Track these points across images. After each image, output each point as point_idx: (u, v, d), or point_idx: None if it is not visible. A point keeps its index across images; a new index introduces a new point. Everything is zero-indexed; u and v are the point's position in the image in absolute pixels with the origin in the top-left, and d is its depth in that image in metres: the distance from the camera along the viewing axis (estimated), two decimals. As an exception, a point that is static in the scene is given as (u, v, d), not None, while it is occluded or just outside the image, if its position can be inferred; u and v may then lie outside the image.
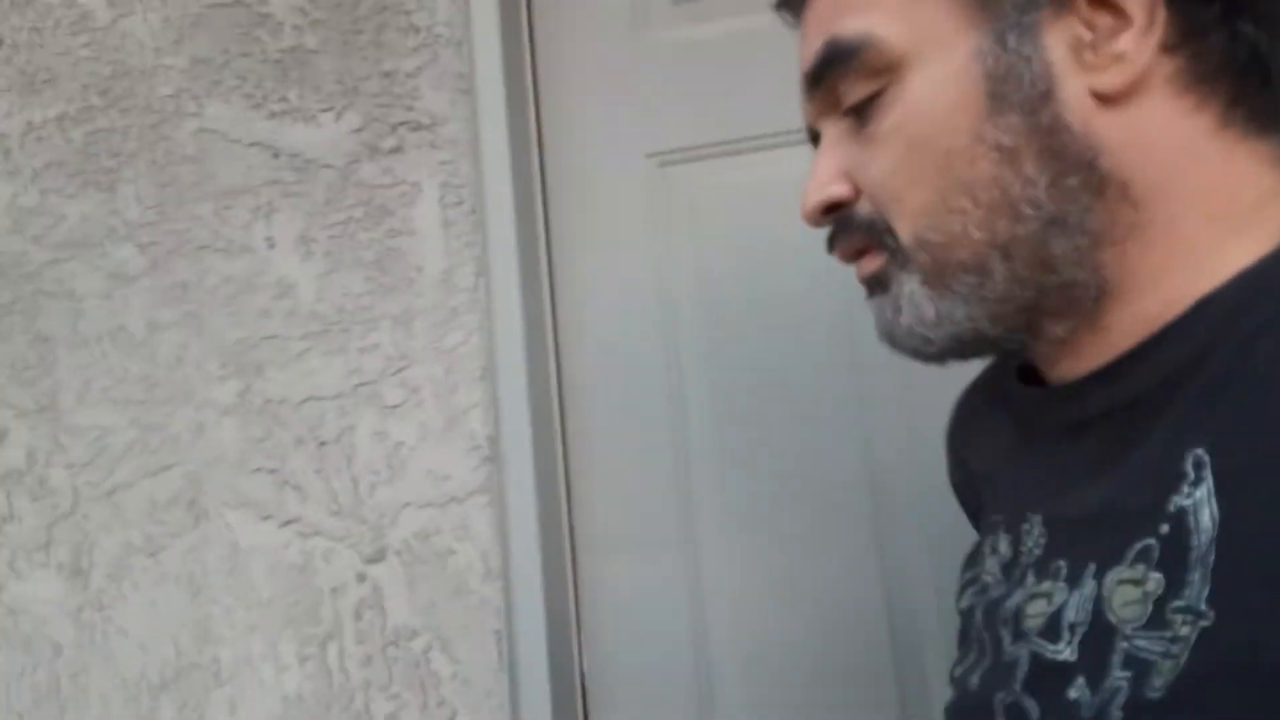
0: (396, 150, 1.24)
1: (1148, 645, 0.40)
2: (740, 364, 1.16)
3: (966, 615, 0.57)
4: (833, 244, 0.55)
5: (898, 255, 0.50)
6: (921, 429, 1.09)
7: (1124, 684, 0.40)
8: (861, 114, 0.50)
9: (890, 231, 0.50)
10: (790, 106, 1.15)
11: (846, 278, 1.10)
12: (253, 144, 1.29)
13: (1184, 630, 0.38)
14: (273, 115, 1.28)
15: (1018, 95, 0.46)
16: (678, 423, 1.18)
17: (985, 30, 0.47)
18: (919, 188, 0.48)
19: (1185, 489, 0.40)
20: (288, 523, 1.22)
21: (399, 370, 1.20)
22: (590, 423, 1.21)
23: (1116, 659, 0.41)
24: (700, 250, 1.20)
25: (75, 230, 1.34)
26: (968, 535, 1.03)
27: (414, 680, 1.14)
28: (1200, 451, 0.40)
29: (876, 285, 0.53)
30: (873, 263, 0.52)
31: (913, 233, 0.49)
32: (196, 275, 1.29)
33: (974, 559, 0.60)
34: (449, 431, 1.18)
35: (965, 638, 0.56)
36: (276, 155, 1.28)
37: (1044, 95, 0.46)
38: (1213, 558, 0.38)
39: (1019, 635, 0.48)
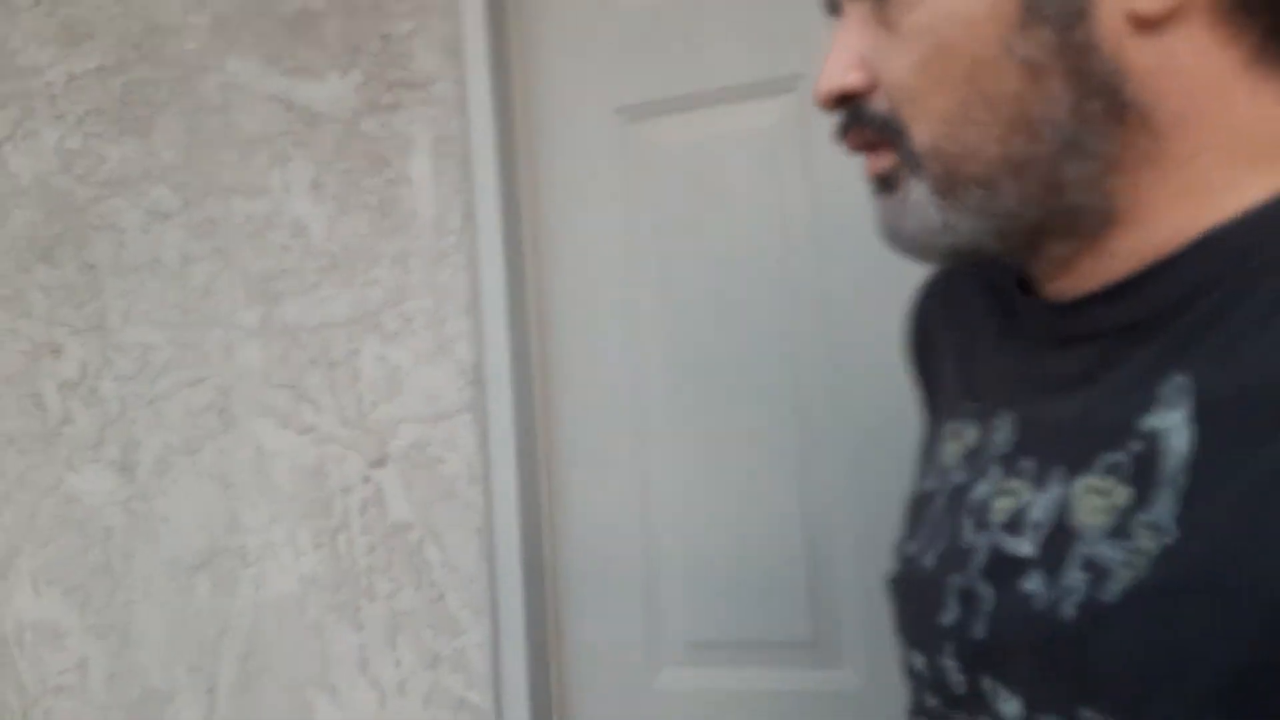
0: (394, 106, 1.39)
1: (1109, 553, 0.41)
2: (691, 304, 1.32)
3: (926, 498, 0.58)
4: (843, 133, 0.53)
5: (909, 158, 0.49)
6: (845, 366, 1.25)
7: (1081, 584, 0.42)
8: (887, 1, 0.49)
9: (904, 133, 0.49)
10: (746, 61, 1.29)
11: (784, 226, 1.26)
12: (269, 97, 1.45)
13: (1146, 543, 0.40)
14: (286, 72, 1.44)
15: (1053, 8, 0.44)
16: (635, 354, 1.34)
17: None
18: (940, 94, 0.47)
19: (1160, 411, 0.41)
20: (305, 431, 1.42)
21: (397, 303, 1.38)
22: (561, 351, 1.38)
23: (1075, 560, 0.42)
24: (661, 198, 1.34)
25: (116, 170, 1.52)
26: (876, 458, 1.21)
27: (409, 566, 1.35)
28: (1182, 378, 0.41)
29: (885, 185, 0.52)
30: (883, 161, 0.51)
31: (928, 139, 0.48)
32: (223, 214, 1.46)
33: (932, 439, 0.62)
34: (439, 357, 1.36)
35: (919, 517, 0.58)
36: (290, 108, 1.44)
37: (1080, 12, 0.44)
38: (1184, 480, 0.40)
39: (981, 525, 0.49)
